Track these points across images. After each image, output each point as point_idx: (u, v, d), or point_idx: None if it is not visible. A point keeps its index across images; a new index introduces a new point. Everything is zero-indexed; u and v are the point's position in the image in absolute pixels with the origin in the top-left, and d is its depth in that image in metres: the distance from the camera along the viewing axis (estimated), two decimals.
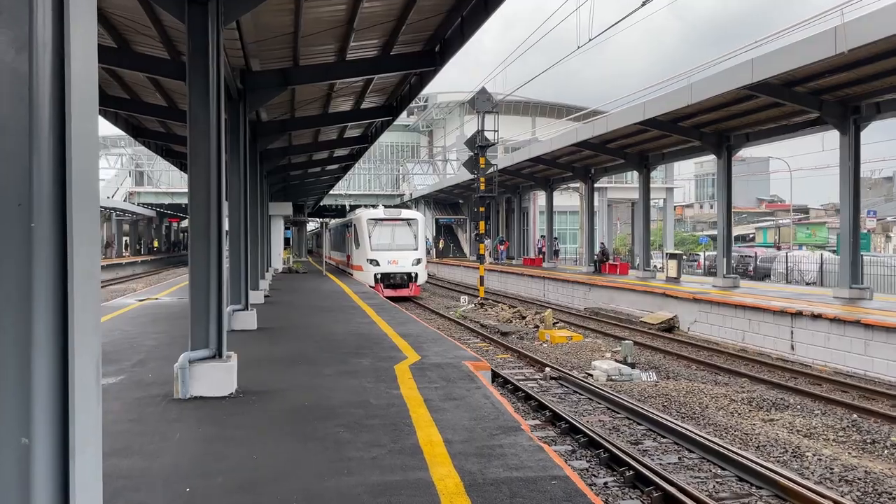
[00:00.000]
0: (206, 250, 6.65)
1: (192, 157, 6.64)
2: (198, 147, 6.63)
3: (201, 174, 6.65)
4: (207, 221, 6.64)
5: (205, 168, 6.63)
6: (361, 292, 19.81)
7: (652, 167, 26.36)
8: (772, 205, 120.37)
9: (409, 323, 12.50)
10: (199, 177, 6.64)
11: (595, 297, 24.00)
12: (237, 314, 11.37)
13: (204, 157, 6.63)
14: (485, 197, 24.07)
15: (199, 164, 6.63)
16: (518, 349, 15.46)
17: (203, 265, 6.66)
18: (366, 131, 21.10)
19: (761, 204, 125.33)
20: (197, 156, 6.63)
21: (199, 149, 6.63)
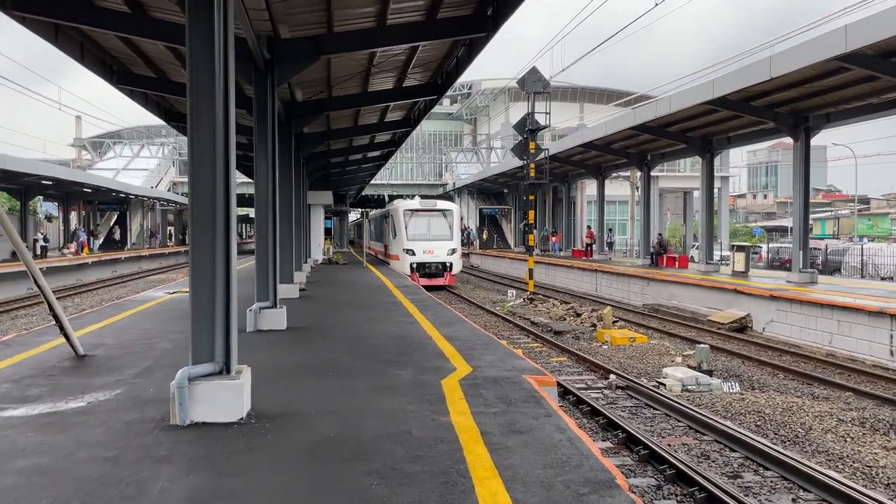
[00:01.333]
0: (211, 240, 5.37)
1: (194, 127, 5.35)
2: (200, 113, 5.33)
3: (205, 148, 5.35)
4: (212, 204, 5.35)
5: (209, 140, 5.33)
6: (403, 286, 18.52)
7: (716, 152, 24.37)
8: (829, 195, 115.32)
9: (456, 323, 11.11)
10: (203, 151, 5.34)
11: (654, 293, 22.25)
12: (264, 312, 10.16)
13: (208, 127, 5.33)
14: (534, 184, 22.51)
15: (203, 135, 5.34)
16: (575, 351, 13.95)
17: (206, 259, 5.38)
18: (408, 114, 19.75)
19: (817, 194, 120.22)
20: (199, 124, 5.33)
21: (202, 115, 5.33)
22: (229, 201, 5.42)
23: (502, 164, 47.80)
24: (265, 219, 10.26)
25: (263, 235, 10.28)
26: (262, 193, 10.28)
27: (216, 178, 5.34)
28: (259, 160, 10.24)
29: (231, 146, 5.43)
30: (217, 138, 5.32)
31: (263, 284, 10.25)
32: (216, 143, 5.33)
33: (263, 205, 10.28)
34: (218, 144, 5.33)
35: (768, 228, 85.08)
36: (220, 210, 5.37)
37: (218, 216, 5.38)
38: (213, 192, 5.36)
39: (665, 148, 26.96)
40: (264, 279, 10.26)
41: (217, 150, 5.34)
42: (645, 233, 28.97)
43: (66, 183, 35.62)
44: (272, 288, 10.27)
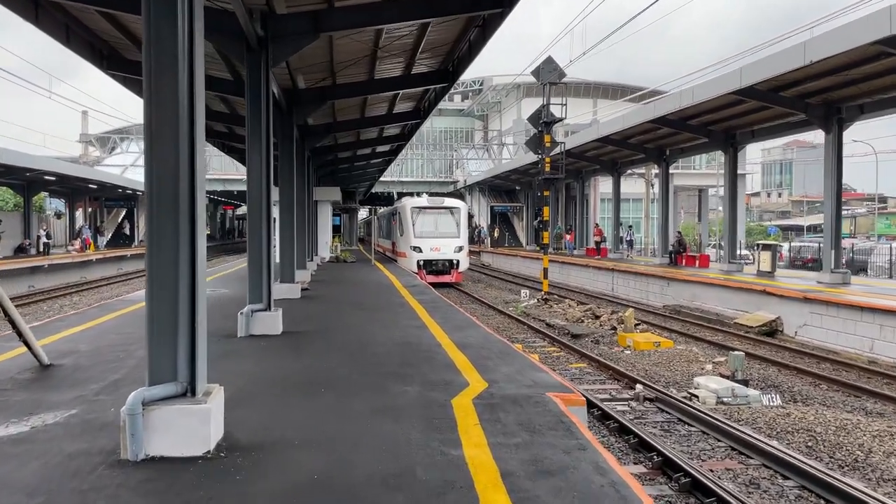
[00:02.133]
0: (172, 233, 4.43)
1: (151, 96, 4.40)
2: (161, 81, 4.39)
3: (165, 132, 4.41)
4: (173, 190, 4.41)
5: (172, 112, 4.39)
6: (411, 286, 17.56)
7: (740, 146, 23.27)
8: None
9: (468, 327, 10.14)
10: (163, 124, 4.40)
11: (675, 293, 21.19)
12: (257, 316, 9.22)
13: (170, 98, 4.39)
14: (549, 180, 21.48)
15: (163, 106, 4.39)
16: (595, 357, 12.95)
17: (167, 255, 4.44)
18: (418, 104, 18.78)
19: None
20: (160, 94, 4.39)
21: (163, 82, 4.39)
22: (195, 187, 4.47)
23: (514, 161, 46.80)
24: (258, 213, 9.32)
25: (256, 231, 9.35)
26: (254, 185, 9.34)
27: (179, 157, 4.40)
28: (251, 148, 9.31)
29: (197, 119, 4.48)
30: (181, 108, 4.38)
31: (256, 285, 9.32)
32: (180, 114, 4.38)
33: (256, 198, 9.34)
34: (182, 116, 4.39)
35: (783, 227, 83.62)
36: (183, 197, 4.43)
37: (181, 205, 4.44)
38: (175, 174, 4.42)
39: (685, 142, 25.83)
40: (257, 279, 9.32)
41: (181, 124, 4.39)
42: (663, 231, 27.87)
43: (70, 179, 34.96)
44: (266, 289, 9.33)
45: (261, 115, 9.30)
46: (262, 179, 9.30)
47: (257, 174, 9.36)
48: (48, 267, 29.11)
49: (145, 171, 4.48)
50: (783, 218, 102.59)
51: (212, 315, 11.81)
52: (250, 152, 9.36)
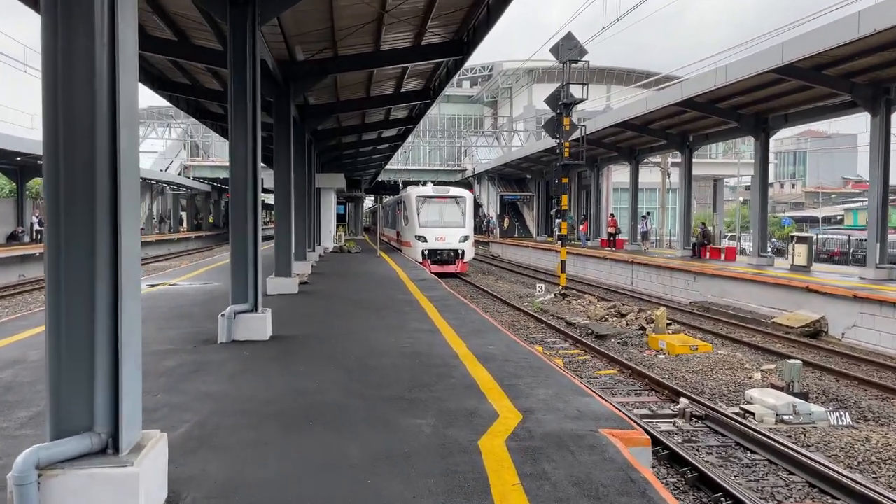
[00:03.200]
0: (86, 227, 3.06)
1: None
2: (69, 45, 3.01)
3: (74, 62, 3.03)
4: (88, 151, 3.05)
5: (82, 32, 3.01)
6: (419, 279, 16.18)
7: (772, 131, 21.71)
8: (859, 184, 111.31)
9: (488, 332, 8.75)
10: (71, 68, 3.02)
11: (702, 289, 19.74)
12: (242, 319, 7.86)
13: None
14: (569, 166, 20.01)
15: None
16: (625, 362, 11.55)
17: (79, 255, 3.08)
18: (428, 83, 17.33)
19: (847, 184, 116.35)
20: None
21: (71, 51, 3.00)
22: (118, 145, 3.09)
23: (525, 148, 45.28)
24: (242, 197, 7.94)
25: (240, 219, 7.97)
26: (238, 168, 7.96)
27: (96, 98, 3.01)
28: (235, 122, 7.92)
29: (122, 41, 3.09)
30: None
31: (240, 282, 7.96)
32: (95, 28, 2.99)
33: (241, 179, 7.96)
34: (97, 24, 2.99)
35: (797, 219, 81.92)
36: (101, 187, 3.07)
37: (99, 192, 3.07)
38: (90, 128, 3.04)
39: (711, 127, 24.30)
40: (241, 275, 7.96)
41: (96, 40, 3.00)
42: (685, 222, 26.38)
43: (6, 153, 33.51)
44: (251, 286, 7.97)
45: (246, 80, 7.91)
46: (247, 158, 7.92)
47: (242, 152, 7.98)
48: (40, 255, 27.85)
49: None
50: (796, 209, 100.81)
51: (194, 314, 10.48)
52: (233, 127, 7.97)
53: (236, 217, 7.99)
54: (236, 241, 7.98)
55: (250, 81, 7.95)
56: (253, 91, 8.03)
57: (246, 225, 7.95)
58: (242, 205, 7.95)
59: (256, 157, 7.96)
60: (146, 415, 3.60)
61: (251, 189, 7.94)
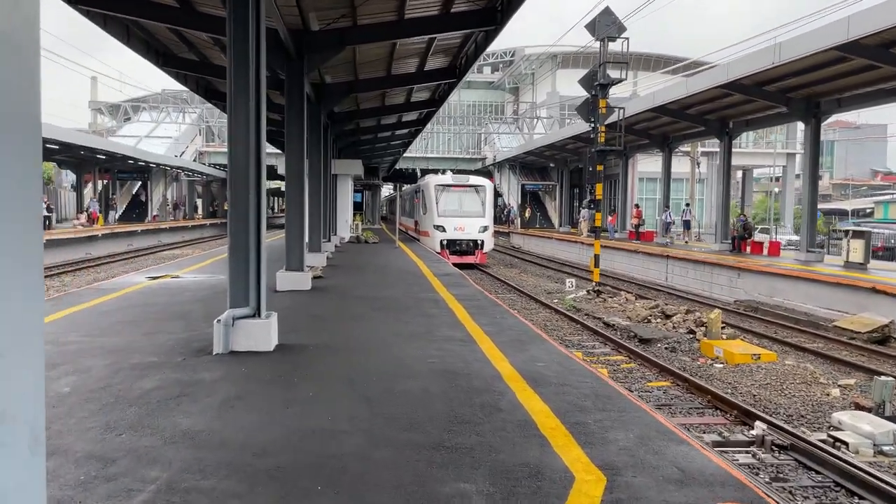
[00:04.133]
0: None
1: None
2: None
3: None
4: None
5: None
6: (443, 274, 14.88)
7: (824, 117, 20.07)
8: (888, 177, 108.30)
9: (532, 342, 7.41)
10: None
11: (747, 286, 18.25)
12: (241, 325, 6.59)
13: None
14: (605, 152, 18.55)
15: None
16: (679, 373, 10.17)
17: None
18: (454, 60, 15.93)
19: (876, 176, 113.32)
20: None
21: None
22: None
23: (549, 135, 43.70)
24: (243, 184, 6.66)
25: (241, 208, 6.69)
26: (238, 145, 6.67)
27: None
28: (236, 94, 6.62)
29: None
30: None
31: (239, 282, 6.69)
32: None
33: (242, 163, 6.67)
34: None
35: (826, 211, 79.62)
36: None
37: None
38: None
39: (756, 112, 22.70)
40: (241, 274, 6.68)
41: None
42: (724, 214, 24.81)
43: (73, 147, 32.65)
44: (253, 287, 6.69)
45: (248, 45, 6.60)
46: (248, 133, 6.62)
47: (243, 128, 6.68)
48: (46, 242, 26.89)
49: None
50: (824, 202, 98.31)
51: (191, 314, 8.87)
52: (234, 96, 6.67)
53: (236, 205, 6.71)
54: (235, 233, 6.70)
55: (253, 44, 6.64)
56: (257, 57, 6.72)
57: (247, 214, 6.66)
58: (243, 190, 6.66)
59: (260, 132, 6.66)
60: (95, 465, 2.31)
61: (253, 171, 6.65)
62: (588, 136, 32.73)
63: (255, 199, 6.69)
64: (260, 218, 6.72)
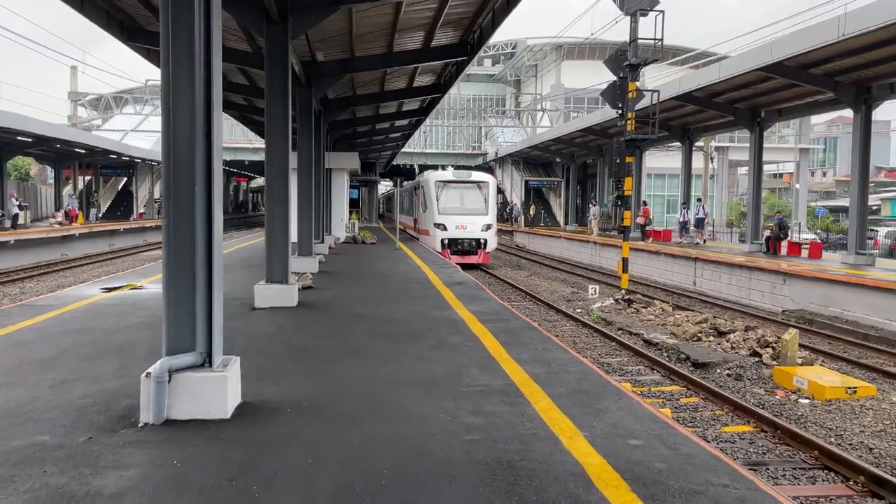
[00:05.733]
0: None
1: None
2: None
3: None
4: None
5: None
6: (455, 283, 12.72)
7: (875, 103, 17.92)
8: (892, 173, 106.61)
9: (605, 396, 5.23)
10: None
11: (795, 294, 16.12)
12: (182, 380, 4.40)
13: None
14: (635, 142, 16.39)
15: None
16: (759, 412, 8.04)
17: None
18: (465, 35, 13.75)
19: (879, 173, 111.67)
20: None
21: None
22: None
23: (556, 129, 41.51)
24: (186, 171, 4.46)
25: (184, 210, 4.49)
26: (180, 112, 4.47)
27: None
28: (175, 30, 4.43)
29: None
30: None
31: (181, 316, 4.50)
32: None
33: (185, 137, 4.47)
34: None
35: (832, 209, 77.85)
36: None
37: None
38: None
39: (793, 100, 20.58)
40: (184, 304, 4.50)
41: None
42: (755, 211, 22.69)
43: (49, 141, 30.37)
44: (202, 323, 4.52)
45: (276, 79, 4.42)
46: (195, 94, 4.44)
47: (185, 82, 4.49)
48: (14, 243, 24.64)
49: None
50: (827, 199, 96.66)
51: (136, 347, 6.26)
52: (171, 34, 4.49)
53: (175, 201, 4.51)
54: (173, 243, 4.51)
55: None
56: None
57: (192, 216, 4.47)
58: (185, 179, 4.47)
59: (211, 89, 4.48)
60: None
61: (201, 149, 4.47)
62: (601, 128, 30.78)
63: (205, 193, 4.51)
64: (212, 221, 4.54)
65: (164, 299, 4.49)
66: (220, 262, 4.71)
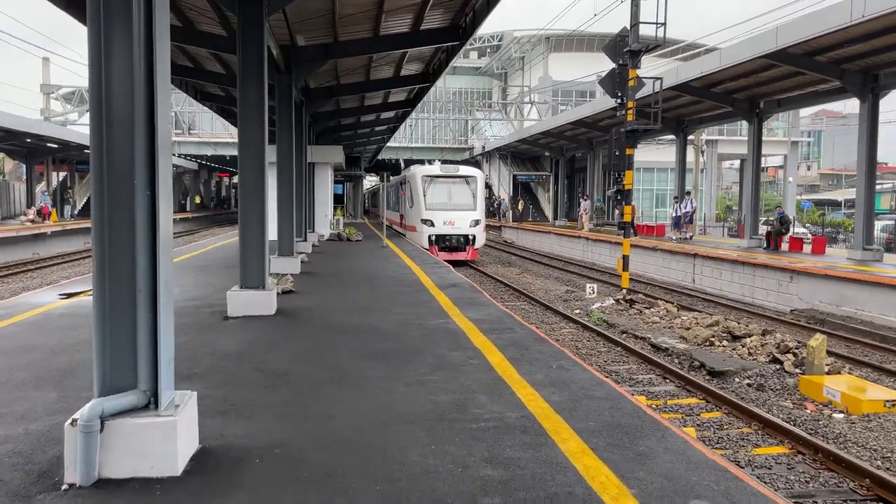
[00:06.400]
0: None
1: None
2: None
3: None
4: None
5: None
6: (449, 285, 11.79)
7: (883, 91, 17.20)
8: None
9: (645, 433, 4.30)
10: None
11: (803, 292, 15.37)
12: (119, 428, 3.43)
13: None
14: (636, 132, 15.52)
15: None
16: (792, 430, 7.20)
17: None
18: (426, 67, 12.98)
19: None
20: None
21: None
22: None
23: (545, 122, 40.67)
24: (124, 173, 3.49)
25: (122, 215, 3.52)
26: (118, 98, 3.49)
27: None
28: None
29: None
30: None
31: (118, 344, 3.53)
32: None
33: (122, 136, 3.49)
34: None
35: (817, 202, 77.92)
36: None
37: None
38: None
39: (793, 89, 19.82)
40: (121, 328, 3.53)
41: None
42: (753, 205, 21.95)
43: (19, 135, 29.00)
44: (145, 353, 3.55)
45: None
46: (133, 53, 3.46)
47: (121, 45, 3.51)
48: None
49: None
50: (812, 192, 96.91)
51: (76, 375, 4.91)
52: None
53: (110, 197, 3.53)
54: (108, 251, 3.53)
55: None
56: None
57: (130, 215, 3.50)
58: (122, 171, 3.50)
59: (154, 66, 3.50)
60: None
61: (141, 136, 3.49)
62: (592, 120, 29.93)
63: (148, 190, 3.53)
64: (157, 223, 3.57)
65: (95, 325, 3.52)
66: (170, 274, 3.74)
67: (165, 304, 3.66)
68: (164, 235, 3.65)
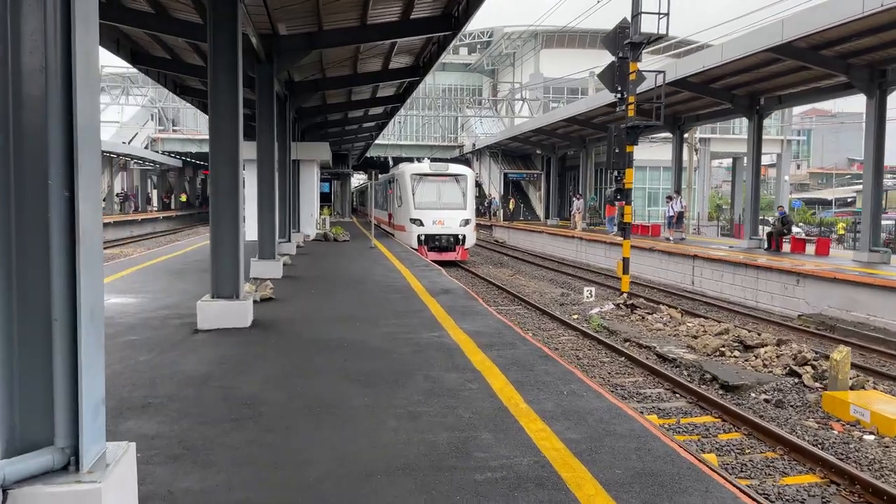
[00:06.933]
0: None
1: None
2: None
3: None
4: None
5: None
6: (442, 291, 11.03)
7: (891, 86, 16.60)
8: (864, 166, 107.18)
9: (682, 489, 3.59)
10: None
11: (811, 296, 14.74)
12: (26, 499, 2.66)
13: None
14: (637, 128, 14.80)
15: None
16: (824, 456, 6.51)
17: None
18: (416, 60, 12.20)
19: (852, 165, 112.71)
20: None
21: None
22: None
23: (536, 119, 39.98)
24: (36, 167, 2.71)
25: (32, 217, 2.74)
26: (30, 65, 2.71)
27: None
28: None
29: None
30: None
31: (33, 389, 2.76)
32: None
33: (32, 118, 2.71)
34: None
35: (807, 201, 77.83)
36: None
37: None
38: None
39: (795, 85, 19.18)
40: (35, 370, 2.76)
41: None
42: (753, 205, 21.35)
43: None
44: (63, 401, 2.77)
45: None
46: (43, 58, 2.68)
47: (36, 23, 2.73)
48: None
49: None
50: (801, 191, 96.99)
51: None
52: None
53: (17, 199, 2.75)
54: (13, 269, 2.76)
55: None
56: None
57: (43, 219, 2.73)
58: (32, 165, 2.72)
59: (72, 20, 2.73)
60: None
61: (56, 116, 2.72)
62: (586, 118, 29.28)
63: (66, 189, 2.76)
64: (77, 230, 2.80)
65: (18, 381, 2.73)
66: (99, 297, 2.96)
67: (90, 335, 2.88)
68: (89, 249, 2.86)
